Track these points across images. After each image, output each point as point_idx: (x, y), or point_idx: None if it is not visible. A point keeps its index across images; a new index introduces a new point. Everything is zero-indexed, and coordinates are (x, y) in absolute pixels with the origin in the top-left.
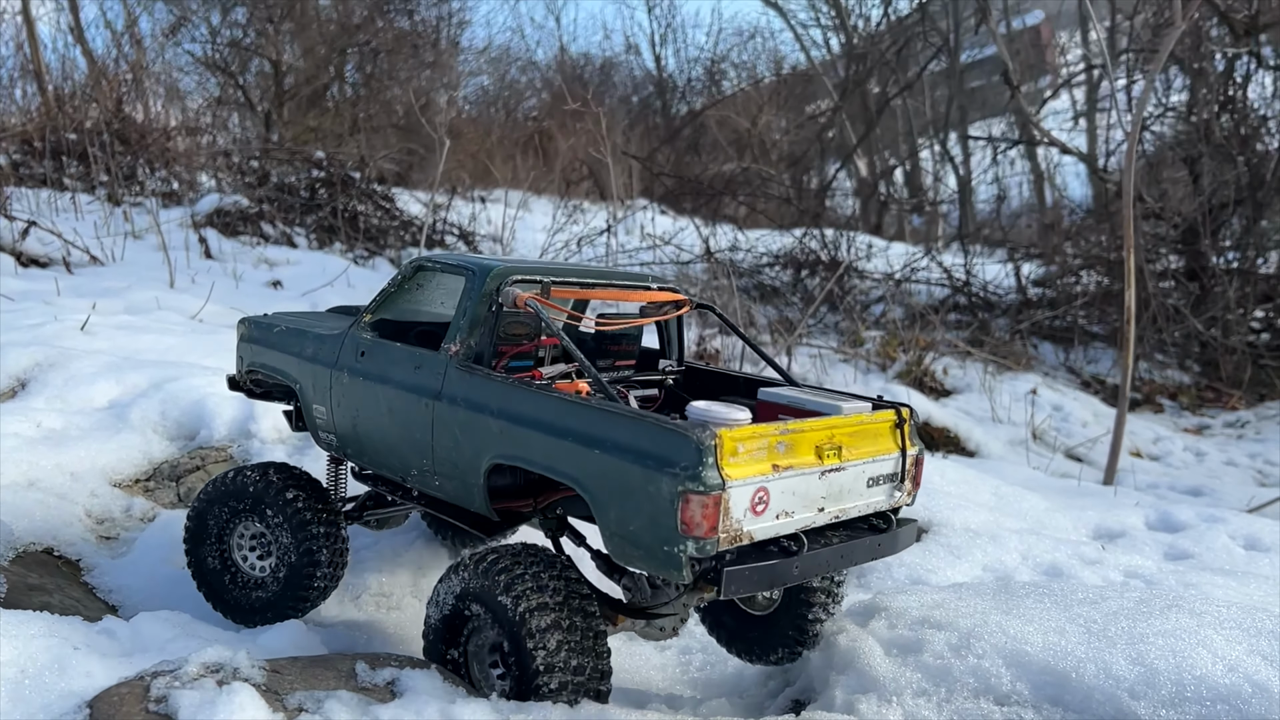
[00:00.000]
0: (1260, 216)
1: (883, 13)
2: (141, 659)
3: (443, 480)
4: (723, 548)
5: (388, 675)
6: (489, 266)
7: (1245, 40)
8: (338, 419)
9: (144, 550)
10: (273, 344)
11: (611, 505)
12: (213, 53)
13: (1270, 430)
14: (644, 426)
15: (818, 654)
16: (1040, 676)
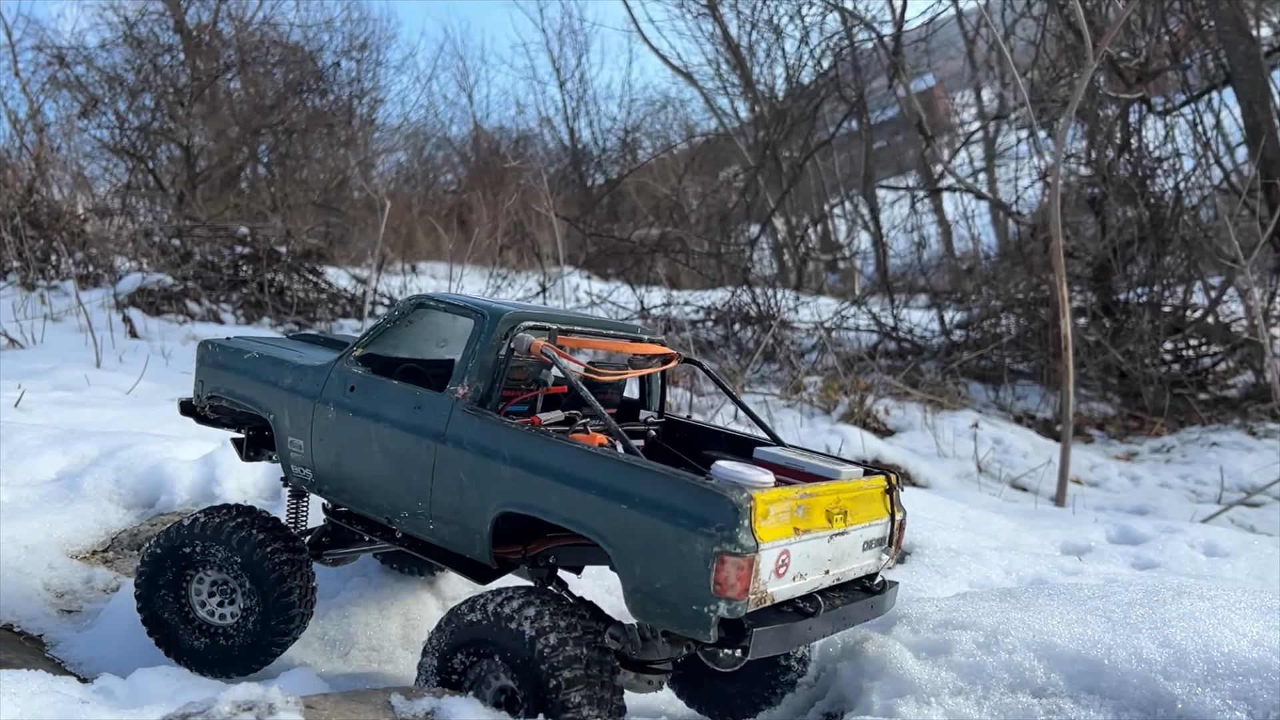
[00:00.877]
0: (1164, 253)
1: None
2: (153, 710)
3: (439, 525)
4: (751, 609)
5: (426, 705)
6: (500, 310)
7: (1136, 88)
8: (318, 454)
9: (111, 621)
10: (243, 370)
11: (637, 561)
12: (120, 138)
13: (1195, 453)
14: (677, 485)
15: (846, 664)
16: (1073, 666)
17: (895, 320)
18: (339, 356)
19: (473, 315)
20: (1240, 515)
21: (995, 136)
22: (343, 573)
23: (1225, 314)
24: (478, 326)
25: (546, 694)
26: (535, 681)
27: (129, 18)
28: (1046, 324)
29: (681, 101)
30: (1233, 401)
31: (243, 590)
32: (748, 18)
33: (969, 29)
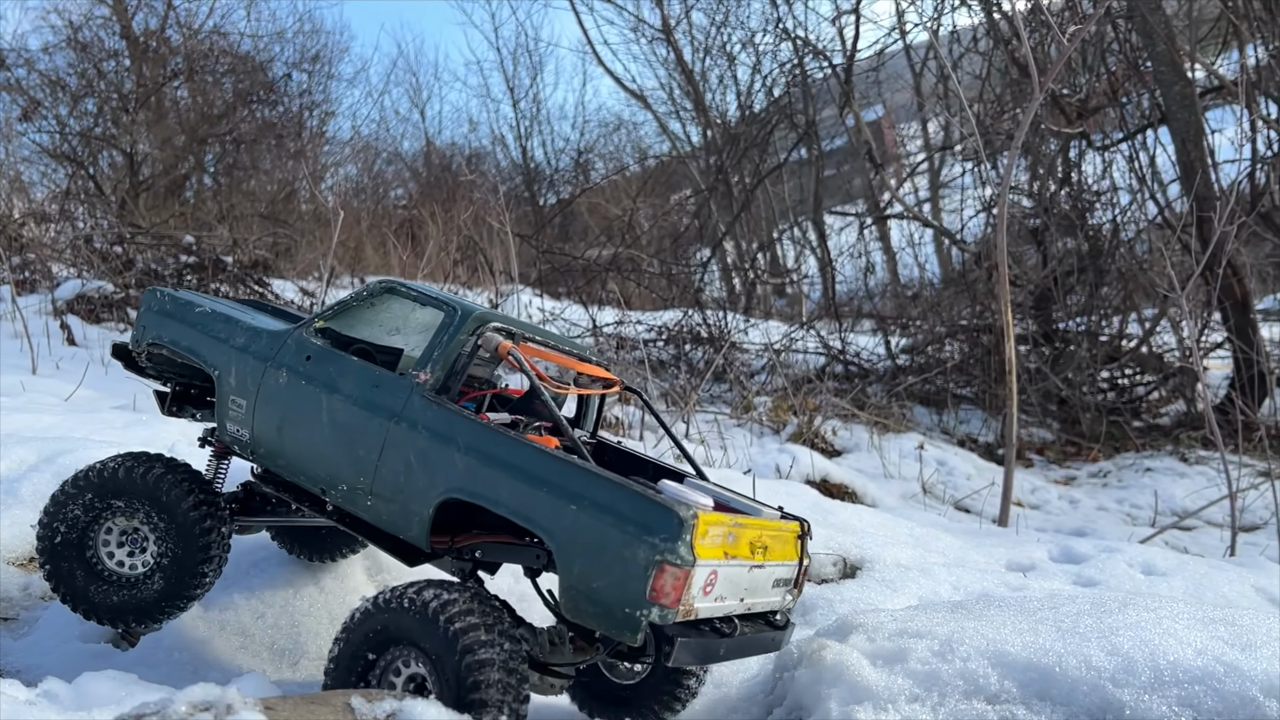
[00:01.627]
0: (1101, 284)
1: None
2: (103, 713)
3: (378, 502)
4: (678, 620)
5: (387, 708)
6: (470, 308)
7: (1077, 124)
8: (260, 417)
9: (50, 628)
10: (192, 322)
11: (578, 560)
12: (61, 143)
13: (1130, 478)
14: (628, 493)
15: (804, 671)
16: (1025, 674)
17: (843, 344)
18: (298, 325)
19: (444, 309)
20: (1173, 538)
21: (940, 167)
22: (293, 579)
23: (1158, 345)
24: (447, 319)
25: (463, 683)
26: (452, 671)
27: (74, 21)
28: (989, 350)
29: (635, 124)
30: (1165, 429)
31: (156, 536)
32: (701, 44)
33: (916, 62)
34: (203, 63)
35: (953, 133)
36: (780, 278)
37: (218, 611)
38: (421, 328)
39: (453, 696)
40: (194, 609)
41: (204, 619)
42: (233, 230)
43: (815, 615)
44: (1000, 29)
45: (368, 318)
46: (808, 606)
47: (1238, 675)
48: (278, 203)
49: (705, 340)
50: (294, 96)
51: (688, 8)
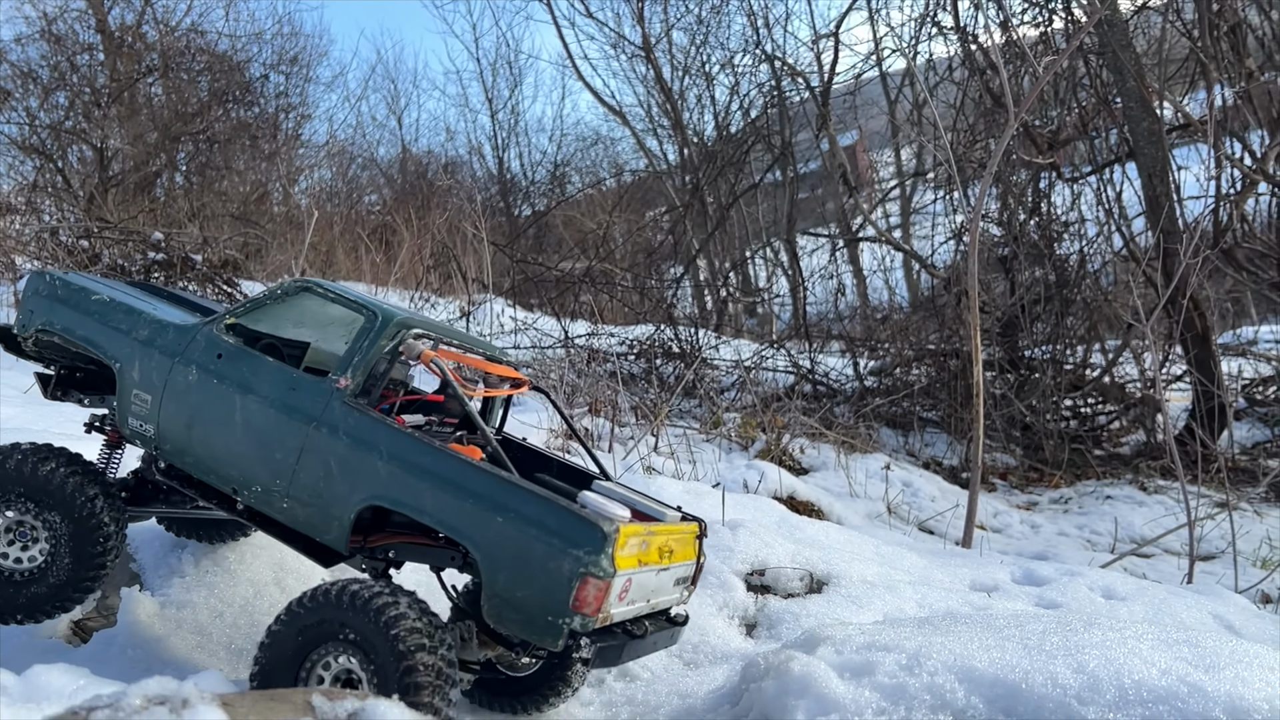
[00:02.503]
0: (1067, 313)
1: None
2: (52, 706)
3: (294, 505)
4: (596, 626)
5: (349, 707)
6: (391, 313)
7: (1047, 155)
8: (167, 413)
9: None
10: (90, 311)
11: (502, 570)
12: (30, 135)
13: (1090, 504)
14: (553, 507)
15: (771, 683)
16: (992, 689)
17: (812, 363)
18: (208, 320)
19: (364, 313)
20: (1132, 564)
21: (911, 194)
22: (254, 579)
23: (1120, 375)
24: (368, 324)
25: (402, 677)
26: (391, 665)
27: (48, 13)
28: (955, 375)
29: (612, 140)
30: (1125, 458)
31: (49, 532)
32: (681, 63)
33: (891, 89)
34: (179, 60)
35: (925, 159)
36: (752, 297)
37: (175, 609)
38: (331, 322)
39: (389, 690)
40: (151, 606)
41: (160, 616)
42: (203, 229)
43: (781, 629)
44: (975, 59)
45: (280, 316)
46: (773, 620)
47: (1201, 696)
48: (250, 204)
49: (676, 355)
50: (270, 98)
51: (669, 26)
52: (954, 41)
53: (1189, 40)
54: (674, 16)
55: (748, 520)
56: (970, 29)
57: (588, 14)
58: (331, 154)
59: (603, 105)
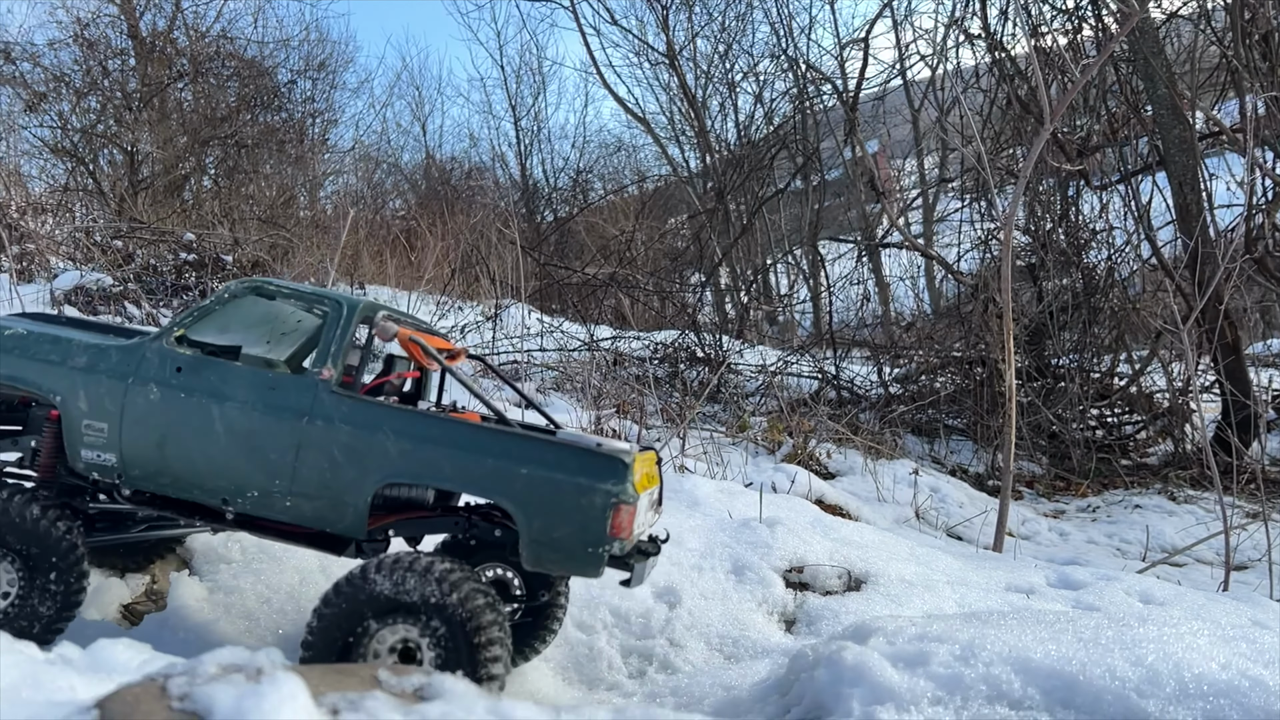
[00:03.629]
0: (1094, 321)
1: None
2: (125, 676)
3: (299, 501)
4: (629, 549)
5: (415, 682)
6: (355, 300)
7: (1077, 161)
8: (130, 437)
9: None
10: (8, 348)
11: (536, 516)
12: (62, 139)
13: (1119, 513)
14: (573, 451)
15: (824, 671)
16: (1049, 681)
17: (837, 369)
18: (154, 336)
19: (328, 303)
20: (1165, 573)
21: (934, 202)
22: (300, 567)
23: (1148, 385)
24: (335, 314)
25: (473, 650)
26: (461, 637)
27: (81, 18)
28: (981, 382)
29: (634, 146)
30: (1153, 468)
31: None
32: (704, 71)
33: (915, 98)
34: (208, 65)
35: (949, 167)
36: (774, 304)
37: (223, 594)
38: (256, 324)
39: (457, 662)
40: (200, 590)
41: (209, 601)
42: (233, 230)
43: (821, 625)
44: (1004, 66)
45: (218, 322)
46: (812, 616)
47: (1263, 690)
48: (276, 207)
49: (701, 360)
50: (297, 103)
51: (693, 34)
52: (981, 49)
53: (1220, 48)
54: (698, 24)
55: (785, 518)
56: (998, 36)
57: (612, 21)
58: (357, 159)
59: (627, 113)
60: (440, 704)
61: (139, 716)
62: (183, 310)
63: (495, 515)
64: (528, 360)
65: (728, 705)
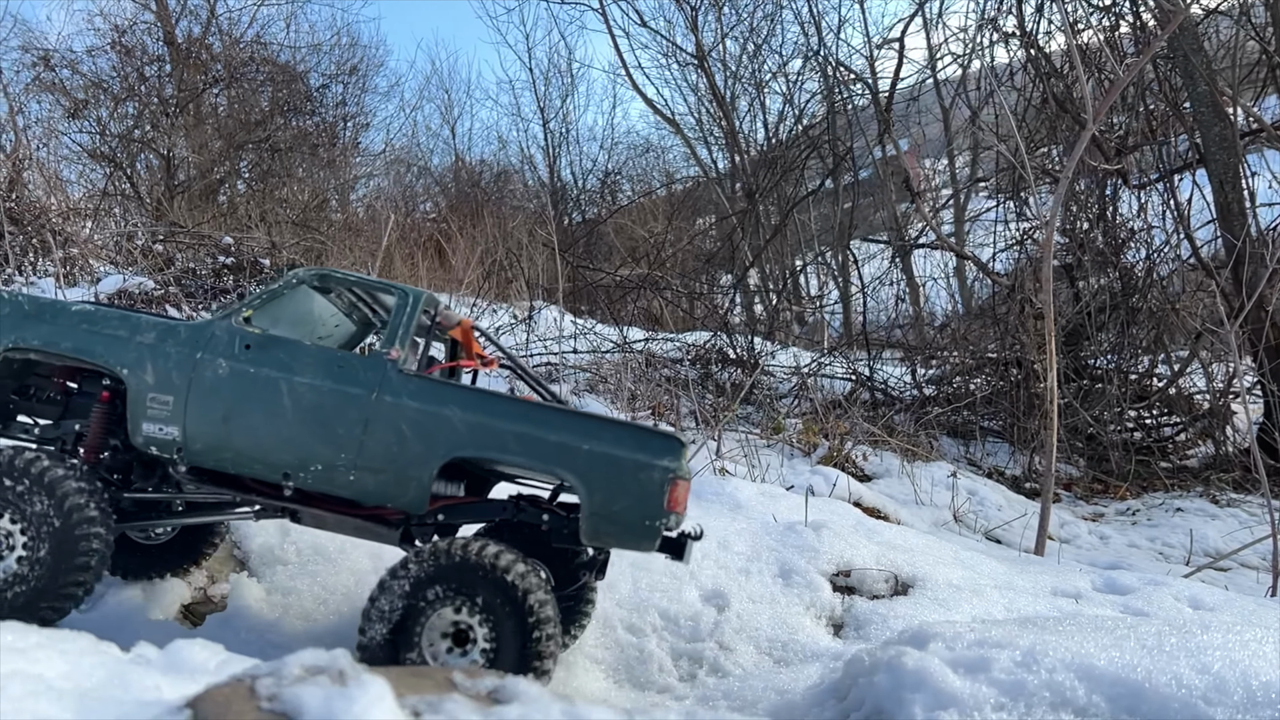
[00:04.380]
0: (1132, 322)
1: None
2: (205, 676)
3: (363, 475)
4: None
5: (489, 684)
6: (420, 291)
7: (1116, 160)
8: (196, 410)
9: (115, 603)
10: (74, 323)
11: (598, 490)
12: (100, 144)
13: (1160, 517)
14: (632, 428)
15: (884, 677)
16: (1114, 688)
17: (870, 371)
18: (222, 314)
19: (395, 291)
20: (1210, 578)
21: (966, 202)
22: (355, 568)
23: (1187, 386)
24: (402, 301)
25: (528, 640)
26: (517, 624)
27: (119, 25)
28: (1017, 384)
29: (663, 148)
30: (1193, 471)
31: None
32: (733, 71)
33: (947, 97)
34: (242, 71)
35: (981, 167)
36: (806, 305)
37: (280, 595)
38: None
39: (510, 649)
40: (258, 591)
41: (268, 602)
42: (270, 234)
43: (869, 630)
44: (1040, 64)
45: (273, 312)
46: (860, 621)
47: None
48: (309, 210)
49: (734, 362)
50: (329, 107)
51: (722, 35)
52: (1016, 47)
53: (1260, 43)
54: (727, 24)
55: (830, 522)
56: (1033, 34)
57: (642, 23)
58: (388, 162)
59: (656, 114)
60: (517, 706)
61: (230, 717)
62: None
63: (542, 502)
64: (562, 362)
65: (783, 709)
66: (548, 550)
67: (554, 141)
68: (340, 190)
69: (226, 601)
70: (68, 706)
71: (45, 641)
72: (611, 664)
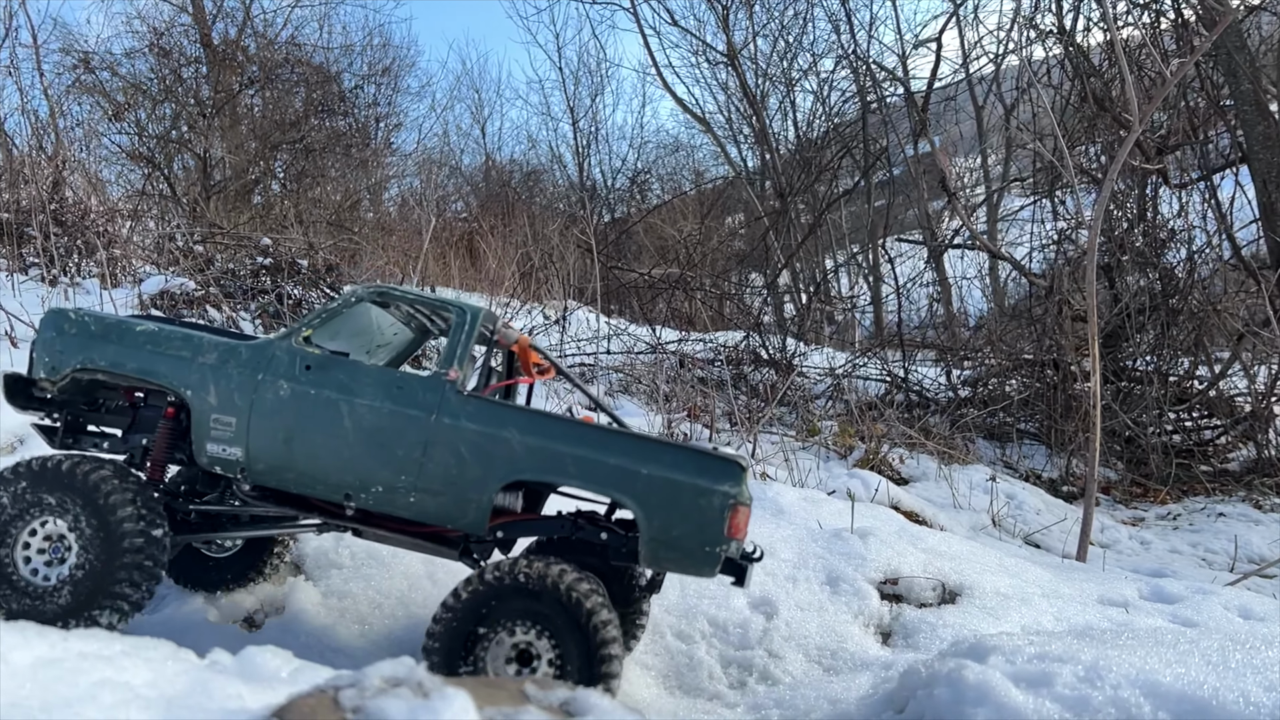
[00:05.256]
0: (1172, 323)
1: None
2: (282, 686)
3: (423, 497)
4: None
5: (561, 696)
6: (478, 308)
7: (1156, 160)
8: (257, 431)
9: (177, 608)
10: (140, 343)
11: (656, 515)
12: (139, 145)
13: (1202, 522)
14: (691, 453)
15: (944, 690)
16: (1179, 705)
17: (905, 372)
18: (282, 334)
19: (452, 310)
20: (1256, 585)
21: (998, 201)
22: (408, 572)
23: (1228, 389)
24: (459, 319)
25: (593, 660)
26: (578, 645)
27: (156, 27)
28: (1053, 386)
29: (692, 146)
30: (1235, 474)
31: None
32: (764, 70)
33: (979, 96)
34: (277, 72)
35: (1015, 165)
36: (838, 304)
37: (336, 599)
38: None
39: (578, 664)
40: (314, 595)
41: (324, 606)
42: (308, 234)
43: (918, 639)
44: (1079, 63)
45: (332, 327)
46: (909, 629)
47: None
48: (343, 210)
49: (767, 363)
50: (362, 108)
51: (753, 33)
52: (1054, 45)
53: None
54: (758, 23)
55: (875, 529)
56: (1071, 31)
57: (672, 21)
58: (420, 163)
59: (687, 113)
60: (592, 718)
61: None
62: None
63: (599, 519)
64: (595, 363)
65: (837, 719)
66: (604, 565)
67: (583, 141)
68: (373, 190)
69: (284, 605)
70: (156, 715)
71: (130, 650)
72: (661, 670)
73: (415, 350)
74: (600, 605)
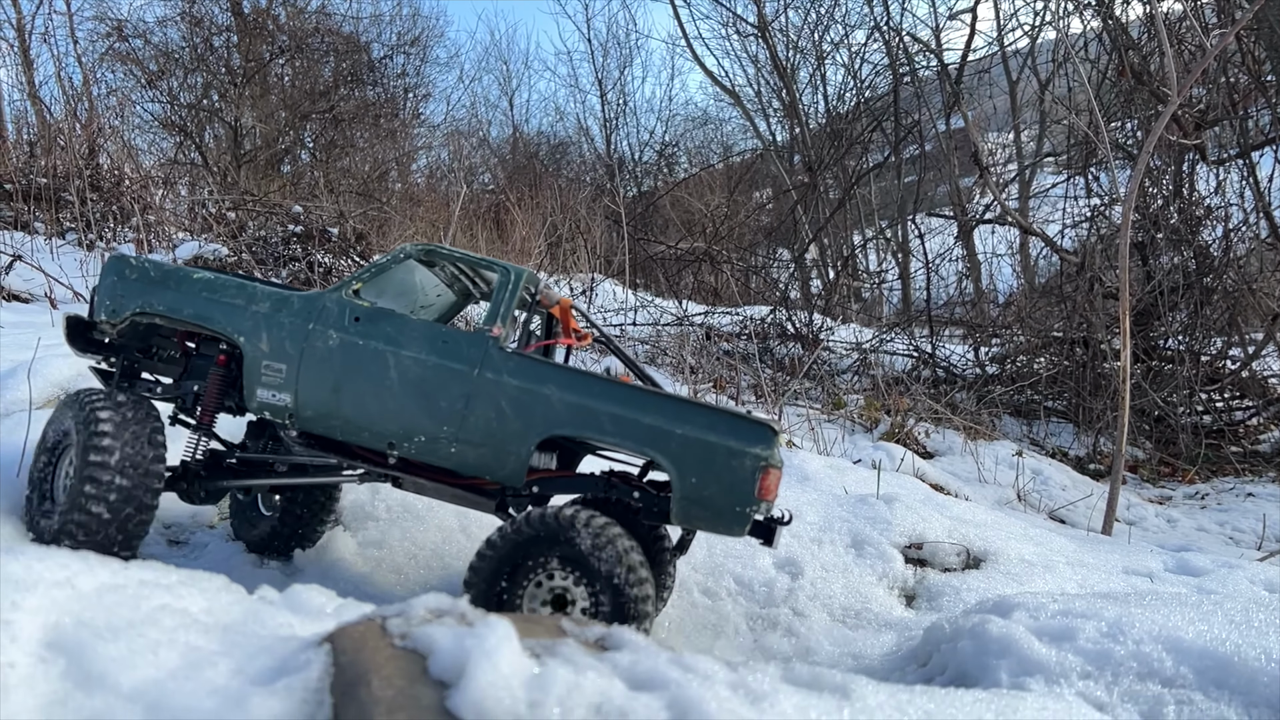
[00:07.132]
0: (1206, 302)
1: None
2: (328, 619)
3: (464, 449)
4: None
5: (597, 632)
6: (521, 268)
7: (1194, 135)
8: (307, 379)
9: (220, 551)
10: (197, 290)
11: (690, 474)
12: (171, 113)
13: (1230, 501)
14: (725, 415)
15: (968, 643)
16: (1201, 661)
17: (933, 348)
18: (334, 287)
19: (498, 269)
20: None
21: (1030, 177)
22: (442, 525)
23: (1261, 370)
24: (504, 278)
25: (626, 600)
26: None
27: None
28: (1082, 364)
29: (721, 120)
30: (1265, 455)
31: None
32: (794, 42)
33: (1014, 69)
34: (307, 42)
35: (1049, 140)
36: (866, 279)
37: (373, 549)
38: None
39: (613, 611)
40: (351, 544)
41: (361, 555)
42: (341, 202)
43: (941, 601)
44: (1117, 36)
45: (379, 284)
46: (933, 593)
47: None
48: (371, 180)
49: (793, 337)
50: (392, 78)
51: (785, 4)
52: (1091, 18)
53: None
54: None
55: (901, 495)
56: (1109, 3)
57: None
58: (448, 135)
59: (717, 85)
60: (628, 653)
61: (368, 652)
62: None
63: (633, 479)
64: (622, 335)
65: (862, 673)
66: (635, 525)
67: (611, 113)
68: (400, 161)
69: (322, 554)
70: (214, 639)
71: (186, 580)
72: (687, 625)
73: (456, 314)
74: (637, 559)
